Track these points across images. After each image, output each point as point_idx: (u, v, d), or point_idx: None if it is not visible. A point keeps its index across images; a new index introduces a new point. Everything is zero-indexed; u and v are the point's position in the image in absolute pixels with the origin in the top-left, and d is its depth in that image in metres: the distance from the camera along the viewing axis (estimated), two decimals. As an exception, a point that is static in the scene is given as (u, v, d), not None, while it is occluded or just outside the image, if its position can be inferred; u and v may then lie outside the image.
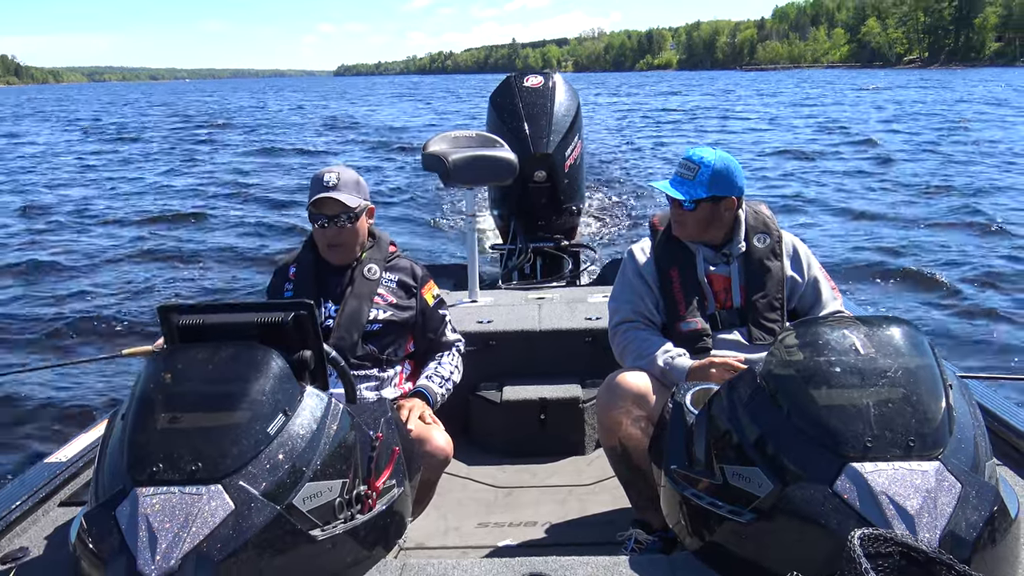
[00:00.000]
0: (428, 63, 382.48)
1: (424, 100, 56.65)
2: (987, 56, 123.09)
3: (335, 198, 2.66)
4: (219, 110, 48.22)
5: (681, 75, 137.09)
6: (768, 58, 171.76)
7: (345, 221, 2.69)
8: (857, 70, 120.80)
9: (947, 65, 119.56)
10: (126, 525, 1.65)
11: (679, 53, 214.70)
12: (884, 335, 1.95)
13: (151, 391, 1.89)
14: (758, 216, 2.79)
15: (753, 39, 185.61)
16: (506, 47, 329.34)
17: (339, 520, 1.85)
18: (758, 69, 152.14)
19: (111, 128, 33.73)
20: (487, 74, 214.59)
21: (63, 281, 9.15)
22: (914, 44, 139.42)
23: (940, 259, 9.21)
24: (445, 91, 75.66)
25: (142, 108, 53.42)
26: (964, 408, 1.89)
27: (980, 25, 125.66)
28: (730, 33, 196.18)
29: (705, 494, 1.91)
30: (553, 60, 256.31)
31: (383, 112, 42.31)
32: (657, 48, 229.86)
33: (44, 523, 2.35)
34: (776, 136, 24.26)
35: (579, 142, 5.41)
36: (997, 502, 1.70)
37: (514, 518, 3.04)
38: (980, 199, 12.82)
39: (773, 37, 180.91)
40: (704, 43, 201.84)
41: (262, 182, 16.82)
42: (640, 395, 2.48)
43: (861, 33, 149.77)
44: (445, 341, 2.90)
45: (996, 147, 19.55)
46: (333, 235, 2.70)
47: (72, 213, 13.65)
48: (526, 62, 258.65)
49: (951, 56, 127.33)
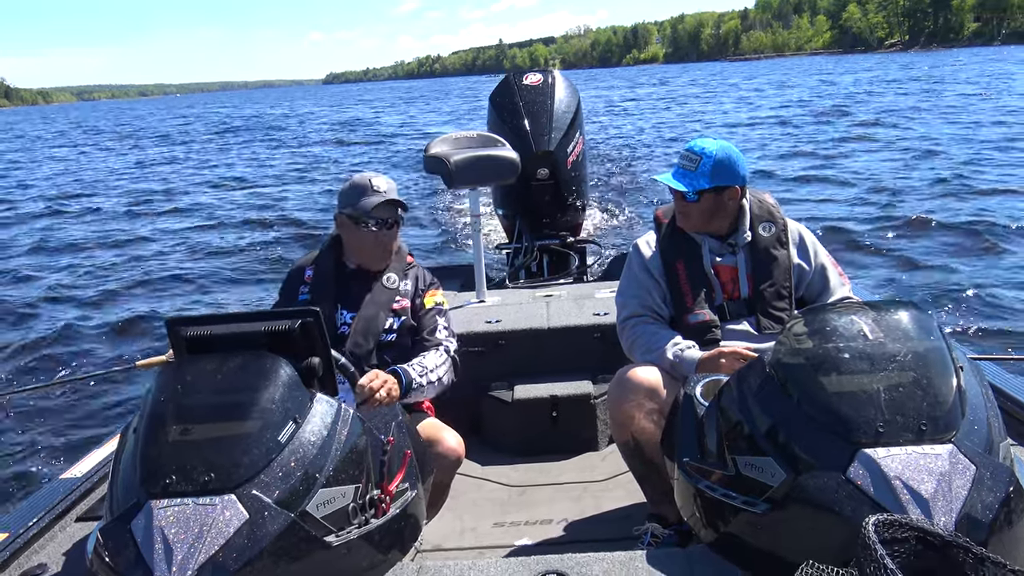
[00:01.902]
0: (416, 67, 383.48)
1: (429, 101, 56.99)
2: (966, 37, 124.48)
3: (396, 200, 2.71)
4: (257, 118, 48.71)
5: (669, 68, 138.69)
6: (752, 48, 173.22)
7: (393, 224, 2.74)
8: (839, 55, 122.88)
9: (927, 47, 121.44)
10: (141, 538, 1.66)
11: (665, 47, 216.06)
12: (892, 319, 1.94)
13: (161, 404, 1.90)
14: (762, 205, 2.78)
15: (737, 30, 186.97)
16: (493, 48, 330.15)
17: (353, 525, 1.86)
18: (743, 59, 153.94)
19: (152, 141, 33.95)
20: (476, 76, 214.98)
21: (74, 294, 9.22)
22: (894, 28, 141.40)
23: (949, 241, 9.16)
24: (444, 94, 75.95)
25: (173, 121, 53.59)
26: (976, 389, 1.87)
27: (958, 7, 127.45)
28: (714, 25, 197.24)
29: (718, 486, 1.90)
30: (540, 59, 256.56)
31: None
32: (643, 43, 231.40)
33: (61, 539, 2.36)
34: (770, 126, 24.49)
35: (580, 138, 5.40)
36: (1013, 483, 1.68)
37: (529, 516, 3.04)
38: (987, 178, 12.78)
39: (757, 27, 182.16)
40: (689, 36, 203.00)
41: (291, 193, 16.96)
42: (651, 389, 2.47)
43: (843, 19, 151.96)
44: (433, 341, 2.79)
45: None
46: (388, 238, 2.74)
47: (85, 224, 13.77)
48: (513, 62, 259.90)
49: (931, 38, 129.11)
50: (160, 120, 60.79)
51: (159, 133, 40.27)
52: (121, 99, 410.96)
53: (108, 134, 39.32)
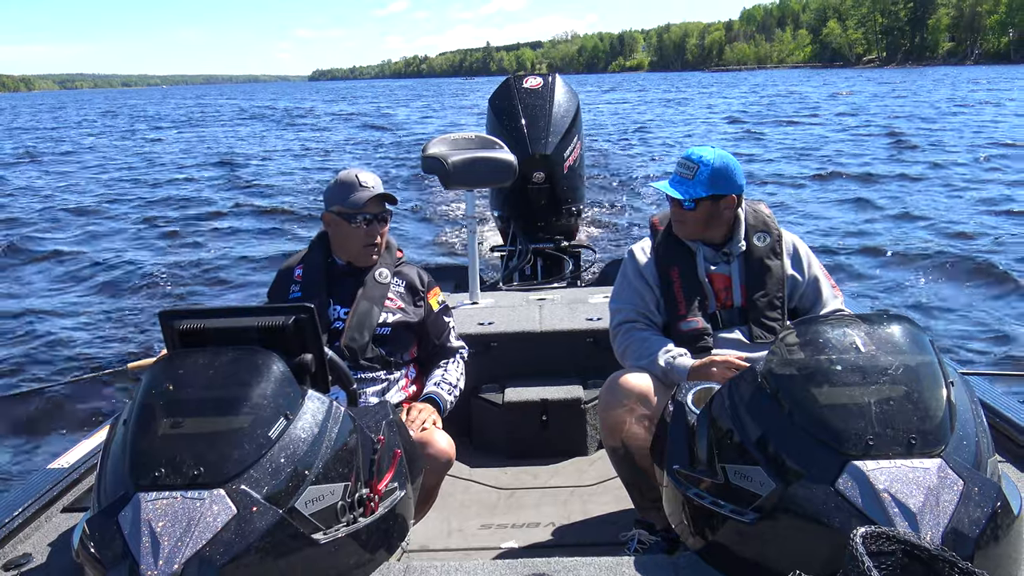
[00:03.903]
0: (403, 67, 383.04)
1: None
2: (940, 55, 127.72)
3: (385, 194, 2.73)
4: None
5: (652, 76, 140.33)
6: (736, 59, 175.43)
7: (384, 219, 2.76)
8: (819, 70, 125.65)
9: (903, 64, 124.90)
10: (129, 530, 1.65)
11: (650, 55, 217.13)
12: (885, 333, 1.95)
13: (153, 396, 1.89)
14: (758, 215, 2.79)
15: (721, 41, 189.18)
16: (481, 51, 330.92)
17: (341, 523, 1.85)
18: (724, 70, 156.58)
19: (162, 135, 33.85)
20: (462, 77, 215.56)
21: (64, 296, 9.15)
22: (872, 44, 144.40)
23: (940, 255, 9.20)
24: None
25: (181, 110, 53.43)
26: (966, 405, 1.88)
27: (933, 26, 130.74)
28: (699, 35, 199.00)
29: (707, 494, 1.90)
30: (527, 63, 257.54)
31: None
32: (629, 50, 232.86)
33: (47, 529, 2.35)
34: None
35: (578, 143, 5.40)
36: (1000, 499, 1.69)
37: (517, 520, 3.04)
38: (981, 192, 12.90)
39: (741, 39, 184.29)
40: (674, 45, 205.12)
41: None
42: (642, 395, 2.47)
43: (823, 34, 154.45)
44: (449, 347, 2.91)
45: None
46: (377, 233, 2.75)
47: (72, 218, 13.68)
48: (500, 65, 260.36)
49: (907, 56, 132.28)
50: (175, 108, 60.53)
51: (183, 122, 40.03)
52: (104, 88, 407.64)
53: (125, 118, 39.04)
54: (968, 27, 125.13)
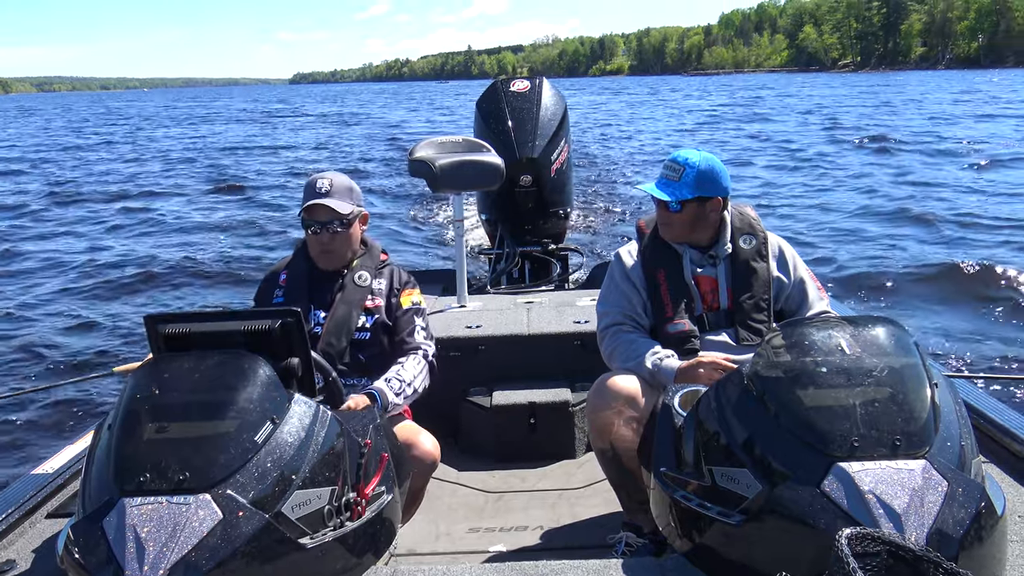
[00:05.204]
0: (384, 70, 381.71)
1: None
2: (913, 60, 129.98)
3: (327, 204, 2.66)
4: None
5: (632, 80, 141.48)
6: (714, 63, 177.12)
7: (337, 227, 2.69)
8: (795, 74, 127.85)
9: (877, 68, 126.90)
10: (113, 536, 1.64)
11: (630, 59, 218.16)
12: (870, 335, 1.96)
13: (138, 401, 1.88)
14: (743, 217, 2.80)
15: (700, 45, 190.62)
16: (462, 54, 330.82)
17: (328, 528, 1.85)
18: (703, 74, 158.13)
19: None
20: (443, 81, 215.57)
21: (47, 298, 9.06)
22: (847, 49, 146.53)
23: (921, 258, 9.27)
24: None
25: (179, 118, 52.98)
26: (950, 406, 1.90)
27: (906, 31, 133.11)
28: (679, 39, 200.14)
29: (694, 496, 1.91)
30: (509, 66, 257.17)
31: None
32: (609, 54, 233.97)
33: (31, 535, 2.33)
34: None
35: (566, 146, 5.41)
36: (983, 499, 1.70)
37: (505, 523, 3.04)
38: (963, 197, 13.00)
39: (719, 43, 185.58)
40: (654, 49, 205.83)
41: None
42: (630, 397, 2.48)
43: (799, 39, 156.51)
44: (412, 344, 2.77)
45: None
46: (326, 241, 2.70)
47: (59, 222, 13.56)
48: (482, 68, 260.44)
49: (881, 60, 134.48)
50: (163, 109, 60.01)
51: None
52: (83, 91, 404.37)
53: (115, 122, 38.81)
54: (939, 32, 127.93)
